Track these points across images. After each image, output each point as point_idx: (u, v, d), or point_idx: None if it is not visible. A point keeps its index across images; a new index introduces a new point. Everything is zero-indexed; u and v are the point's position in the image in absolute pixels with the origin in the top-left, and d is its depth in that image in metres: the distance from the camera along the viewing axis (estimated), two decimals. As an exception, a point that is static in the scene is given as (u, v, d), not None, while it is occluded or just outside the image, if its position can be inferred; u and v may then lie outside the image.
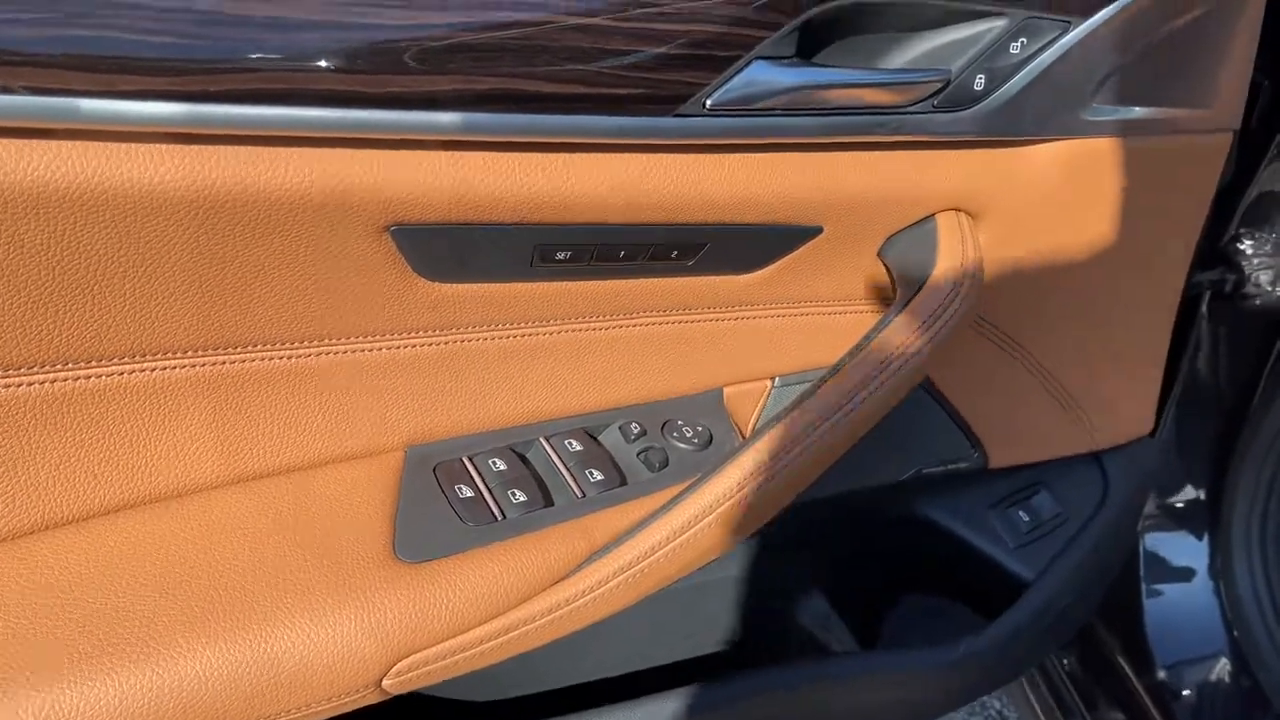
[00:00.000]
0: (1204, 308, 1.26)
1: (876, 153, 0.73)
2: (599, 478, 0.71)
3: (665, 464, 0.73)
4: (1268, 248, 1.21)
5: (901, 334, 0.72)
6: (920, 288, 0.75)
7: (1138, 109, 0.83)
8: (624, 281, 0.70)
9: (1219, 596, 1.29)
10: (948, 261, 0.75)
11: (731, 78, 0.62)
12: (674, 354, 0.77)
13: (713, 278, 0.75)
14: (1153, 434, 1.11)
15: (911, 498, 1.01)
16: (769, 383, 0.83)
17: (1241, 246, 1.22)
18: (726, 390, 0.81)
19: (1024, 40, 0.74)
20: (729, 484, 0.68)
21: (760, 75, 0.63)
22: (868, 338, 0.73)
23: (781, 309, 0.80)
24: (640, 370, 0.76)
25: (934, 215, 0.79)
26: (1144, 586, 1.33)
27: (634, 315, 0.73)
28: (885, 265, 0.80)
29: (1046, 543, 1.02)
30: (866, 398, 0.71)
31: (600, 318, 0.72)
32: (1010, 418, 0.99)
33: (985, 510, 1.02)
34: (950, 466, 0.99)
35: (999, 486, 1.03)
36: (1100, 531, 1.05)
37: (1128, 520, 1.09)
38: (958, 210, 0.80)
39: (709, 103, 0.63)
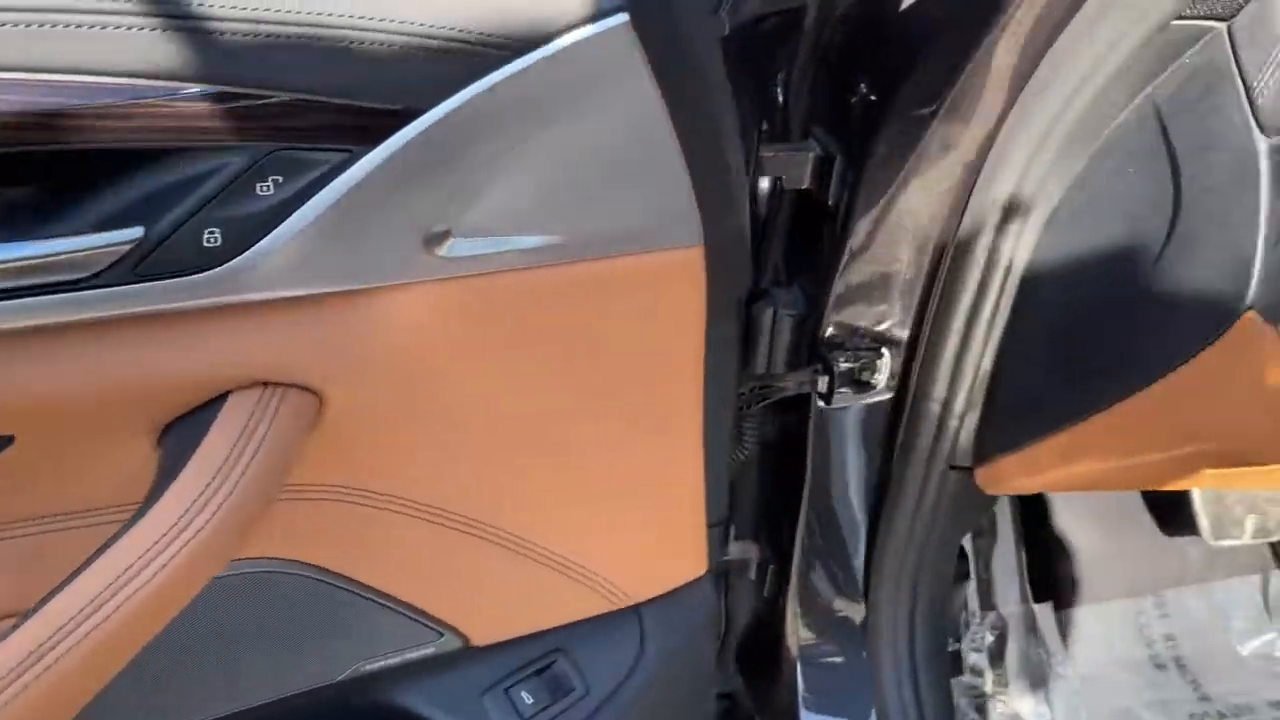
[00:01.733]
0: (813, 412, 1.12)
1: (75, 338, 0.56)
2: None
3: None
4: (867, 340, 1.07)
5: (143, 537, 0.55)
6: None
7: (527, 238, 0.66)
8: None
9: None
10: (214, 450, 0.58)
11: None
12: None
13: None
14: (710, 571, 0.96)
15: (385, 688, 0.84)
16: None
17: (837, 339, 1.08)
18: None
19: (278, 179, 0.56)
20: None
21: None
22: (104, 547, 0.56)
23: (26, 526, 0.62)
24: None
25: (228, 394, 0.62)
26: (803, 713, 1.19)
27: None
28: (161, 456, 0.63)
29: (556, 726, 0.86)
30: (97, 625, 0.53)
31: None
32: (488, 595, 0.82)
33: (477, 695, 0.85)
34: (411, 654, 0.82)
35: (501, 663, 0.86)
36: (633, 698, 0.89)
37: (680, 676, 0.93)
38: (268, 384, 0.63)
39: None
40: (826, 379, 1.05)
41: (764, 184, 1.05)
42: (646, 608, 0.91)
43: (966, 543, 1.45)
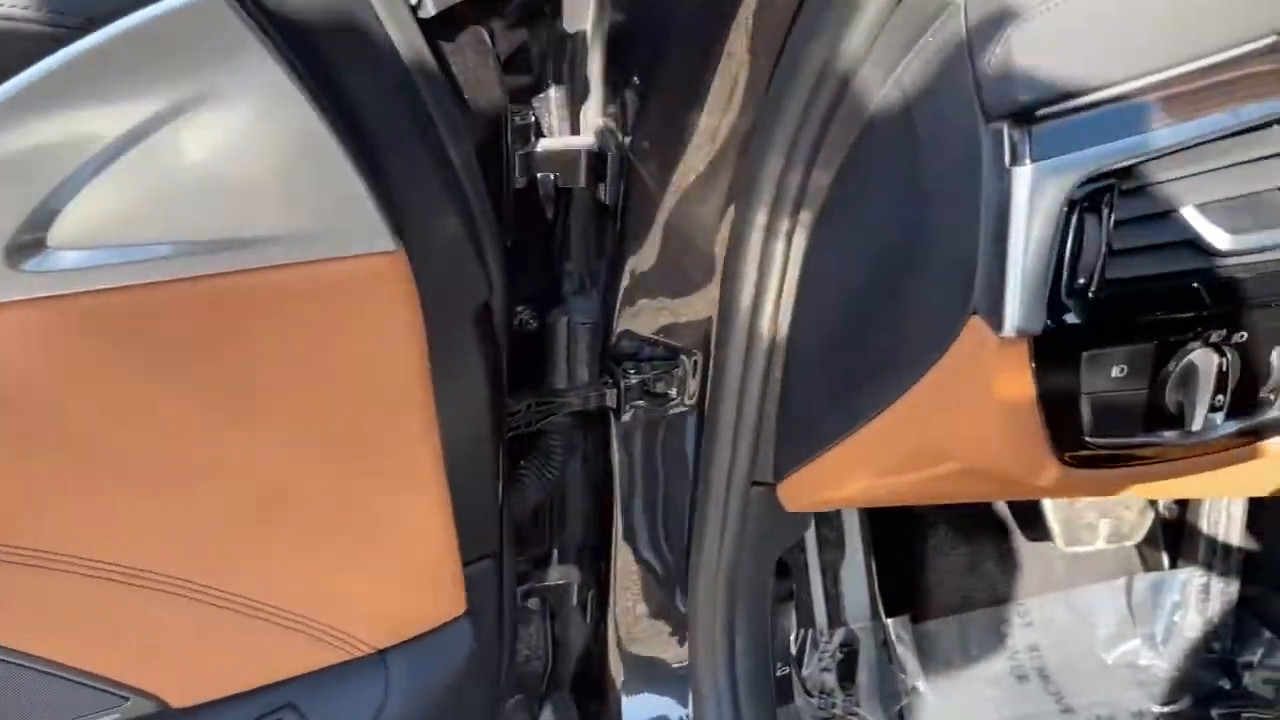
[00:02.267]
0: (614, 428, 1.03)
1: None
2: None
3: None
4: (660, 350, 0.99)
5: None
6: None
7: (147, 246, 0.57)
8: None
9: None
10: None
11: None
12: None
13: None
14: (469, 611, 0.87)
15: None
16: None
17: (628, 349, 1.00)
18: None
19: None
20: None
21: None
22: None
23: None
24: None
25: None
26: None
27: None
28: None
29: (277, 791, 0.77)
30: None
31: None
32: (180, 653, 0.73)
33: (186, 760, 0.76)
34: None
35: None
36: (370, 754, 0.80)
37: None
38: None
39: None
40: (615, 392, 0.97)
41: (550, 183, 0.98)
42: (393, 654, 0.82)
43: (813, 556, 1.38)
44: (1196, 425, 0.61)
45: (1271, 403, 0.63)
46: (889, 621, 1.39)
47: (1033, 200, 0.55)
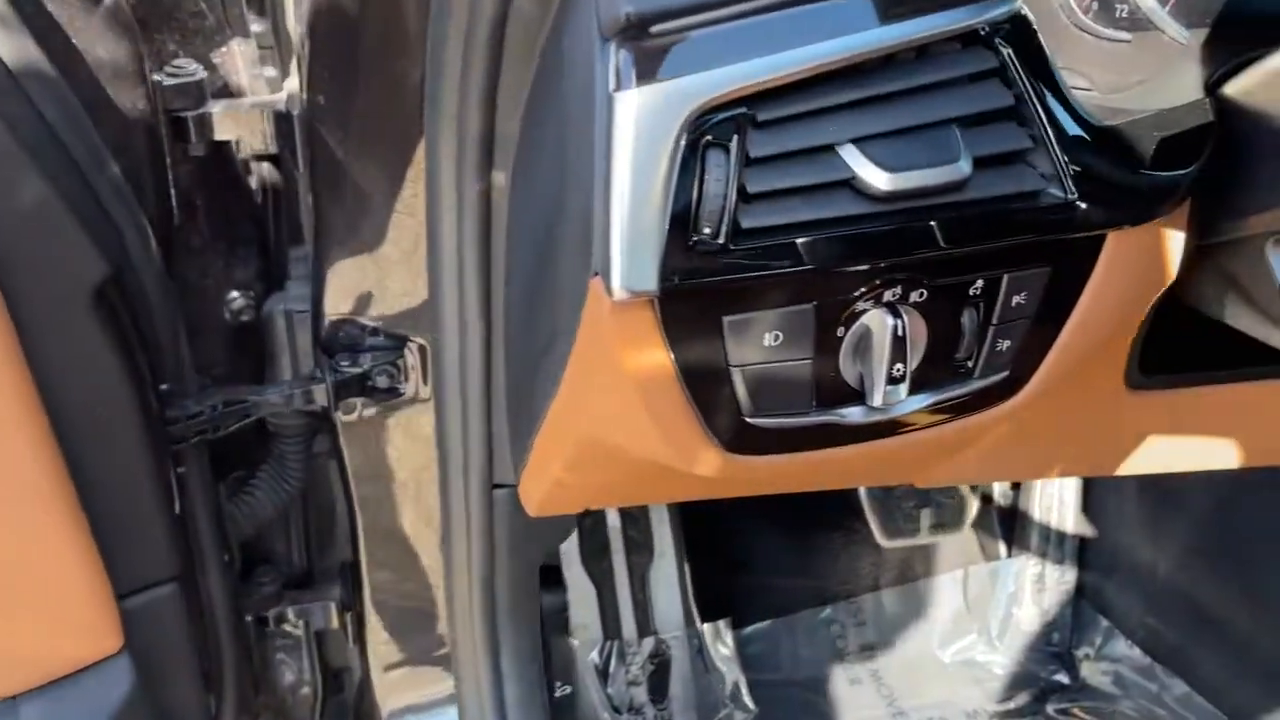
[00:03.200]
0: (340, 428, 0.92)
1: None
2: None
3: None
4: (382, 339, 0.88)
5: None
6: None
7: None
8: None
9: None
10: None
11: None
12: None
13: None
14: (130, 647, 0.75)
15: None
16: None
17: (343, 338, 0.89)
18: None
19: None
20: None
21: None
22: None
23: None
24: None
25: None
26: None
27: None
28: None
29: None
30: None
31: None
32: None
33: None
34: None
35: None
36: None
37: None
38: None
39: None
40: (324, 386, 0.86)
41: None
42: (26, 700, 0.70)
43: (619, 559, 1.28)
44: (876, 400, 0.52)
45: (970, 372, 0.55)
46: (705, 627, 1.29)
47: (638, 132, 0.45)
